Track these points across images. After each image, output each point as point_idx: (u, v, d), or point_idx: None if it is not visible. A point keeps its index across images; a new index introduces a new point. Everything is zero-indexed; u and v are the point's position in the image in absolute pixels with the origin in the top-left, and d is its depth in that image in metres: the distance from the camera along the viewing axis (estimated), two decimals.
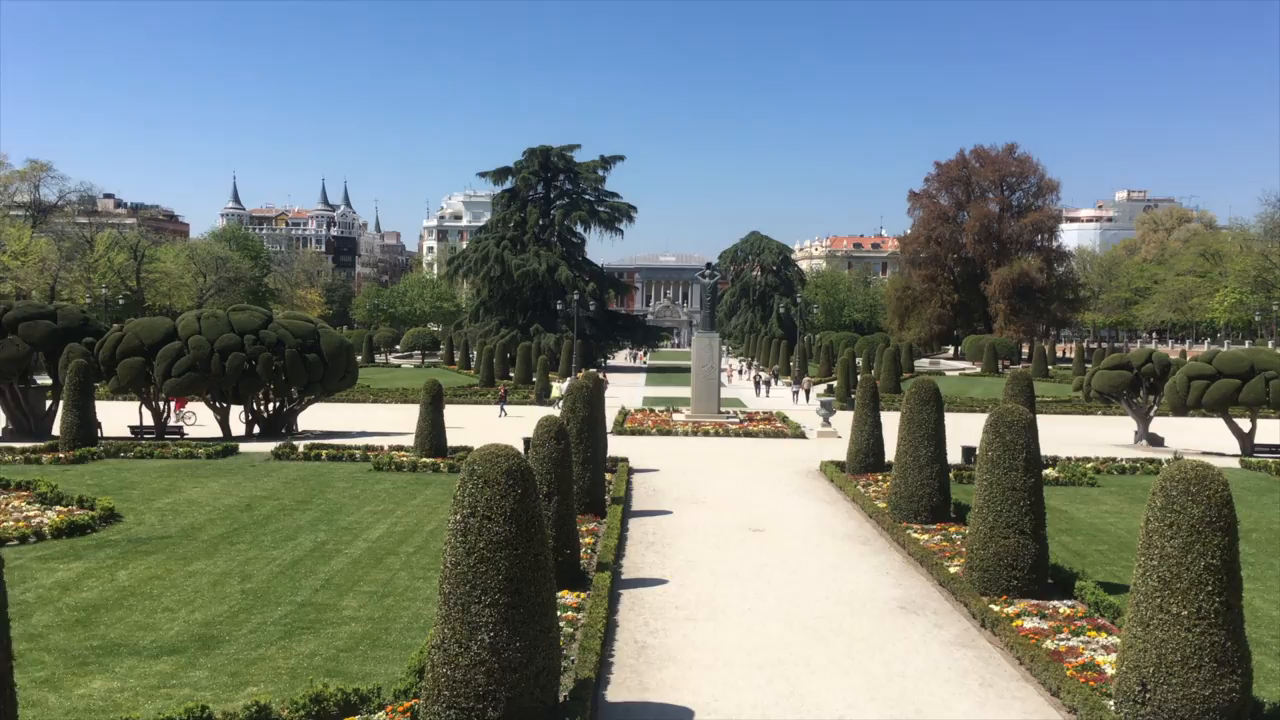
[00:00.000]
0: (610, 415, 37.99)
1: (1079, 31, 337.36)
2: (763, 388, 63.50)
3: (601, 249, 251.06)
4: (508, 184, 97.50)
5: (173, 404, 36.39)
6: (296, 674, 11.94)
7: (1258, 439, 34.75)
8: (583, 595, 14.83)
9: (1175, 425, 41.88)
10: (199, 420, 36.59)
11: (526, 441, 18.97)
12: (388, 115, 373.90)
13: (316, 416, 41.66)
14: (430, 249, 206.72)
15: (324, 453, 30.50)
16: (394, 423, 40.38)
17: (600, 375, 33.37)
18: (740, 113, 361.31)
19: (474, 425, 40.11)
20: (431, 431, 29.87)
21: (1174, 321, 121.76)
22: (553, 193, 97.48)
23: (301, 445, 31.60)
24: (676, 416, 43.55)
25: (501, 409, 47.51)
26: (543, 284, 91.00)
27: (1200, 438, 38.48)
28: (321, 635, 13.48)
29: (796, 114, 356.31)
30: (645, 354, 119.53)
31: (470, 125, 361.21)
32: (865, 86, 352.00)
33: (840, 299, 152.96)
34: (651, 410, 47.68)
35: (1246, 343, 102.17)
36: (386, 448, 31.55)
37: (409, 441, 31.63)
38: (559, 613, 12.99)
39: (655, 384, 73.28)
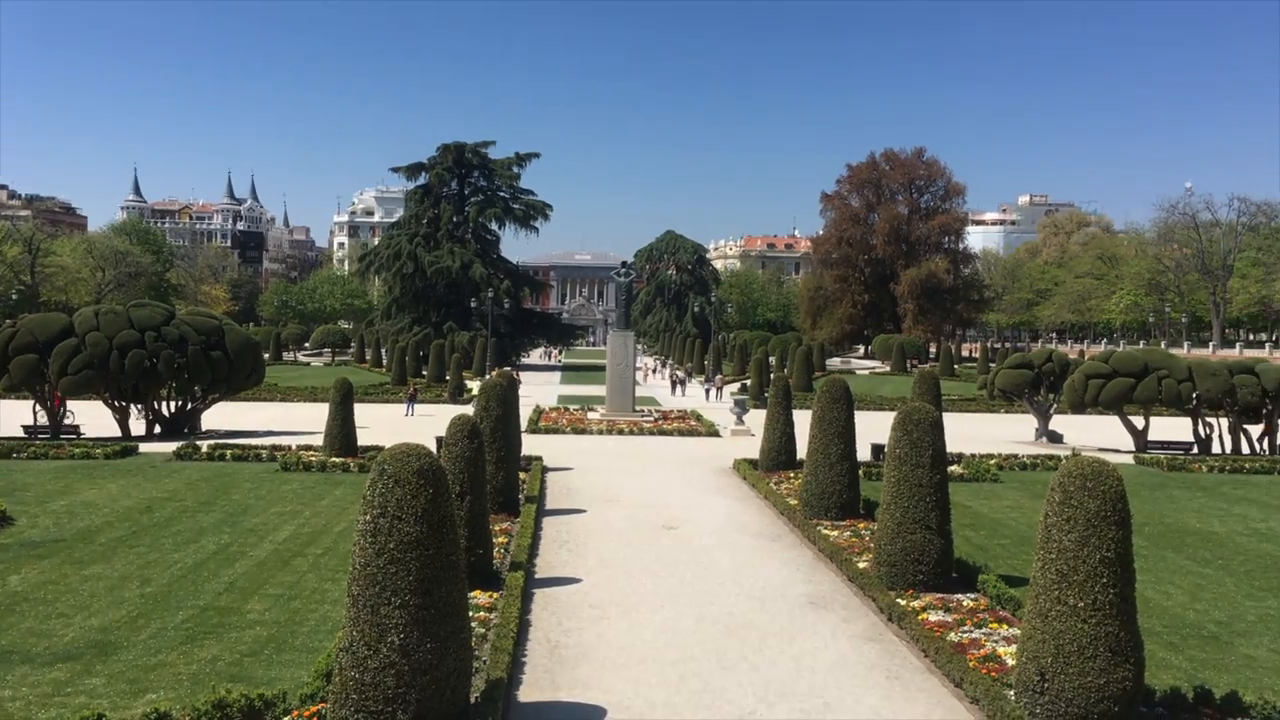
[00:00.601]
0: (525, 414, 37.77)
1: (986, 37, 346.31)
2: (679, 386, 63.85)
3: (516, 246, 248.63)
4: (421, 180, 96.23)
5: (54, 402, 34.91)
6: (198, 680, 11.62)
7: (1151, 436, 36.08)
8: (495, 595, 14.74)
9: (1074, 423, 43.25)
10: (77, 418, 35.21)
11: (439, 440, 18.75)
12: (297, 108, 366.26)
13: (222, 416, 40.60)
14: (341, 245, 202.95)
15: (229, 453, 29.73)
16: (302, 422, 39.58)
17: (514, 374, 33.15)
18: (657, 113, 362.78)
19: (385, 424, 39.55)
20: (341, 430, 29.37)
21: (1073, 322, 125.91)
22: (467, 189, 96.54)
23: (205, 445, 30.76)
24: (591, 415, 43.51)
25: (410, 408, 46.79)
26: (457, 281, 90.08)
27: (1097, 435, 39.82)
28: (225, 640, 13.15)
29: (712, 115, 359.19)
30: (560, 352, 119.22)
31: (383, 120, 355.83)
32: (779, 89, 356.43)
33: (754, 298, 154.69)
34: (566, 409, 47.58)
35: (1141, 343, 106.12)
36: (294, 447, 30.91)
37: (318, 441, 31.04)
38: (471, 613, 12.90)
39: (570, 382, 73.13)
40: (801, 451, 24.39)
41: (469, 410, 21.84)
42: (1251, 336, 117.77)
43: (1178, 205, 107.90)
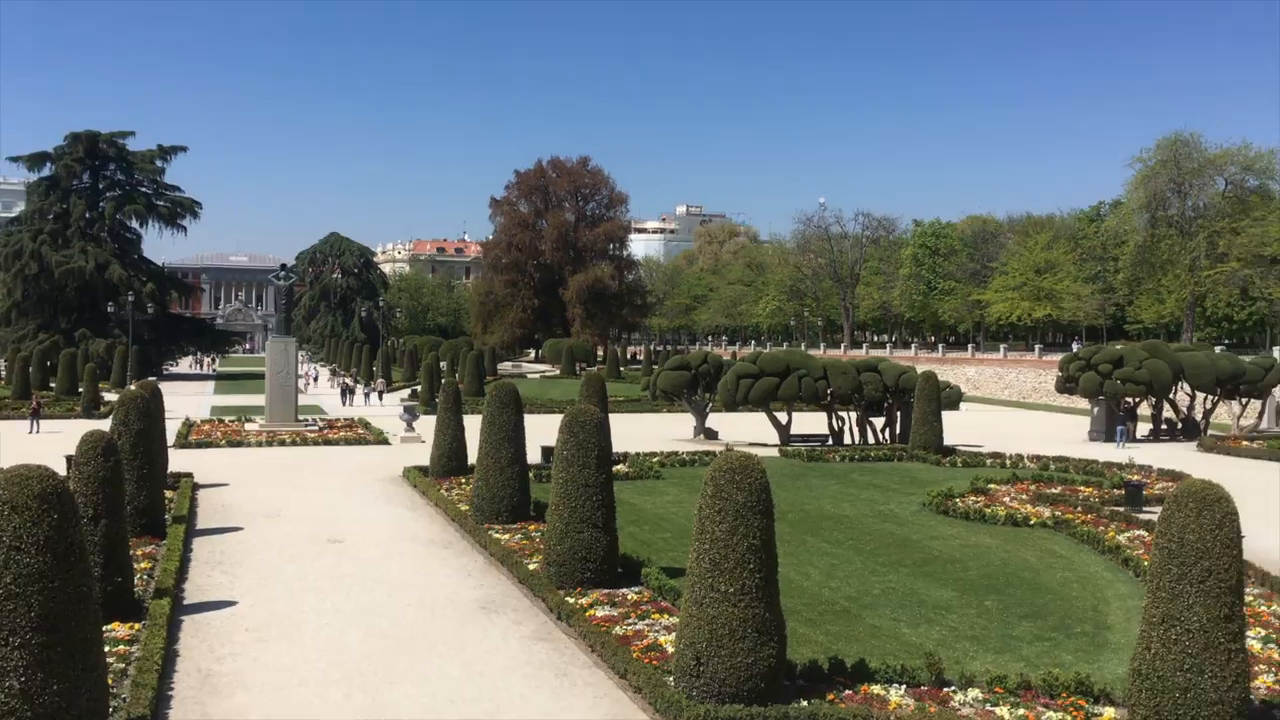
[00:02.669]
0: (173, 427, 35.06)
1: (639, 50, 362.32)
2: (348, 395, 61.73)
3: (162, 247, 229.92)
4: (46, 171, 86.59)
5: None
6: None
7: (793, 430, 39.28)
8: (137, 626, 13.55)
9: (728, 419, 46.20)
10: None
11: (70, 459, 16.96)
12: None
13: None
14: None
15: None
16: None
17: (158, 384, 30.48)
18: (318, 111, 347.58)
19: (4, 444, 35.17)
20: None
21: (727, 325, 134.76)
22: (102, 183, 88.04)
23: None
24: (250, 426, 41.10)
25: (34, 425, 41.91)
26: (91, 283, 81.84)
27: (748, 430, 42.75)
28: None
29: (376, 116, 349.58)
30: (214, 360, 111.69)
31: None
32: (444, 91, 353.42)
33: (424, 303, 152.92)
34: (221, 420, 44.60)
35: (785, 345, 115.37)
36: None
37: None
38: (109, 647, 11.83)
39: (226, 392, 68.71)
40: (473, 457, 24.37)
41: (105, 425, 19.91)
42: (876, 338, 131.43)
43: (813, 219, 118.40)
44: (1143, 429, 44.04)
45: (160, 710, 11.19)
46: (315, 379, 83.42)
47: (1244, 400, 44.20)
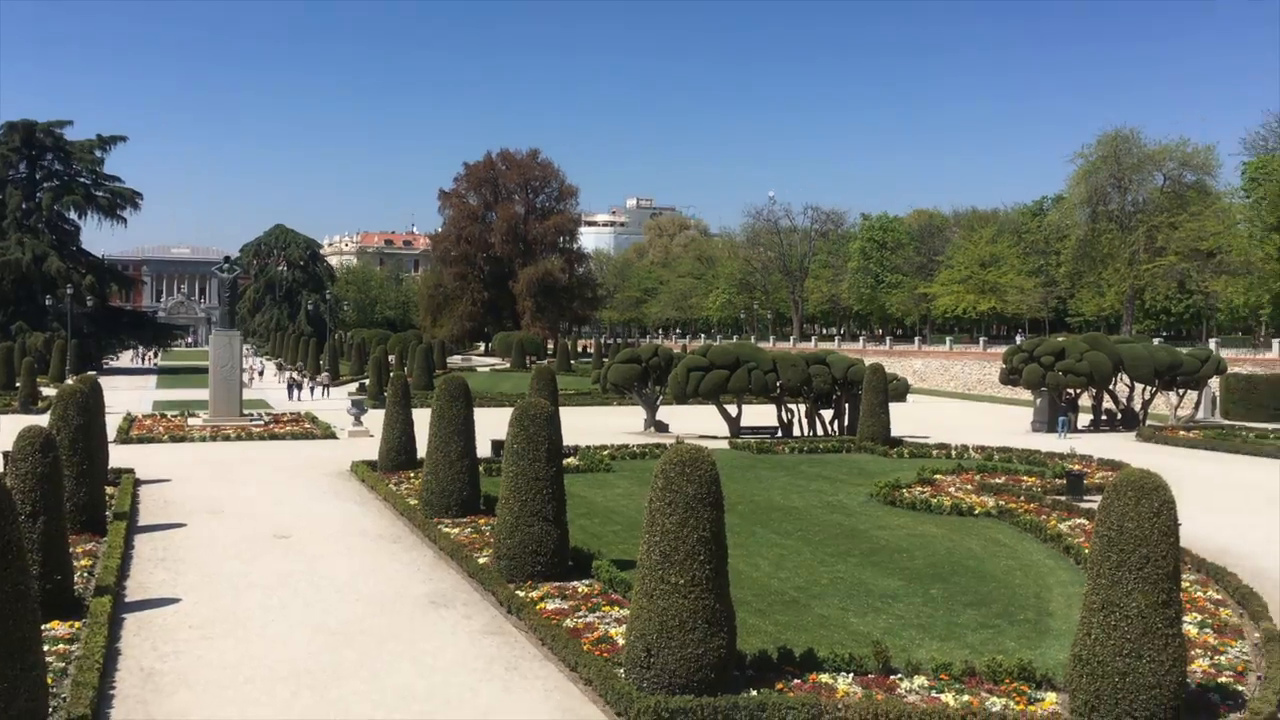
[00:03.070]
0: (114, 422, 34.43)
1: (591, 45, 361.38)
2: (295, 389, 60.96)
3: (101, 238, 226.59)
4: None
5: None
6: None
7: (743, 422, 39.51)
8: (77, 624, 13.29)
9: (678, 412, 46.31)
10: None
11: (6, 455, 16.58)
12: None
13: None
14: None
15: None
16: None
17: (98, 378, 29.95)
18: (261, 103, 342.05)
19: None
20: None
21: (677, 318, 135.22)
22: (39, 173, 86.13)
23: None
24: (193, 421, 40.46)
25: None
26: (28, 276, 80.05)
27: (698, 423, 42.92)
28: None
29: (322, 108, 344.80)
30: (156, 354, 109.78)
31: None
32: (392, 83, 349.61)
33: (373, 295, 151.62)
34: (164, 415, 43.82)
35: (734, 337, 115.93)
36: None
37: None
38: (48, 646, 11.62)
39: (168, 386, 67.57)
40: (422, 451, 24.21)
41: (43, 420, 19.50)
42: (824, 330, 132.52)
43: (762, 212, 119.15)
44: (1084, 419, 44.90)
45: (102, 710, 10.99)
46: (261, 373, 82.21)
47: (1181, 391, 45.29)
